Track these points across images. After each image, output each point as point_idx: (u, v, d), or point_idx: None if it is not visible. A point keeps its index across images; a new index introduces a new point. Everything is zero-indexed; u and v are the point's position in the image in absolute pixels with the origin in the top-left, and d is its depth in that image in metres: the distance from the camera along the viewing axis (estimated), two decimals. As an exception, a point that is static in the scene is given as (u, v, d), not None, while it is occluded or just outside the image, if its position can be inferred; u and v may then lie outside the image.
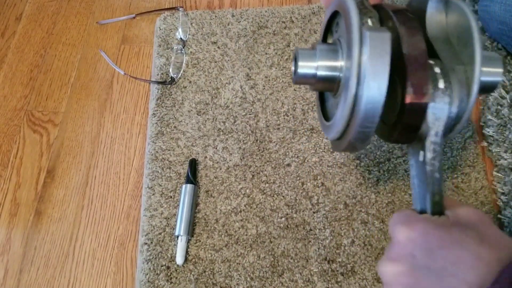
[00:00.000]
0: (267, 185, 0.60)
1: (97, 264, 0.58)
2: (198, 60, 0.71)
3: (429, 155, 0.33)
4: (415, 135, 0.34)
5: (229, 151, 0.63)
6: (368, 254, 0.56)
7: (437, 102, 0.33)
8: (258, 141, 0.64)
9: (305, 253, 0.56)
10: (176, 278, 0.55)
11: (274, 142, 0.63)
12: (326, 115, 0.42)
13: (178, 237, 0.57)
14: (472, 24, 0.34)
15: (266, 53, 0.70)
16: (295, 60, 0.37)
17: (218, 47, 0.72)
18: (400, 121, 0.34)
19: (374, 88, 0.31)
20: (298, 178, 0.60)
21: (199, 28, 0.74)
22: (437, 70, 0.34)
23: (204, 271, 0.56)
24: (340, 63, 0.36)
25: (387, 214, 0.57)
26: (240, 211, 0.59)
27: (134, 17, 0.77)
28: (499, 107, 0.63)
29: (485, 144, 0.62)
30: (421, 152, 0.34)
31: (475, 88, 0.33)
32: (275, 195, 0.60)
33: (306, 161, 0.61)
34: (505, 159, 0.60)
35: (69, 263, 0.59)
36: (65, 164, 0.65)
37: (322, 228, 0.57)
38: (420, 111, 0.33)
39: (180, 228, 0.57)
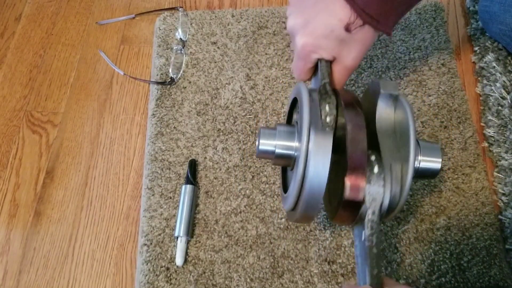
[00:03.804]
0: (267, 185, 0.60)
1: (96, 265, 0.58)
2: (198, 60, 0.71)
3: (367, 231, 0.38)
4: (356, 215, 0.39)
5: (229, 151, 0.63)
6: (369, 255, 0.55)
7: (372, 184, 0.38)
8: (258, 141, 0.63)
9: (305, 254, 0.56)
10: (176, 279, 0.55)
11: (274, 142, 0.63)
12: (286, 187, 0.46)
13: (177, 238, 0.57)
14: (410, 129, 0.39)
15: (266, 54, 0.70)
16: (258, 138, 0.43)
17: (218, 48, 0.71)
18: (342, 206, 0.38)
19: (315, 181, 0.36)
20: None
21: (199, 28, 0.73)
22: (372, 158, 0.39)
23: (204, 272, 0.56)
24: (295, 143, 0.42)
25: (387, 215, 0.57)
26: (240, 212, 0.59)
27: (133, 17, 0.77)
28: (499, 107, 0.63)
29: (485, 144, 0.62)
30: (363, 232, 0.39)
31: (404, 192, 0.39)
32: (275, 196, 0.59)
33: (306, 161, 0.61)
34: (506, 160, 0.60)
35: (68, 264, 0.59)
36: (64, 164, 0.65)
37: (322, 229, 0.57)
38: (356, 203, 0.38)
39: (180, 229, 0.56)
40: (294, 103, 0.47)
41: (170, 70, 0.69)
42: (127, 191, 0.63)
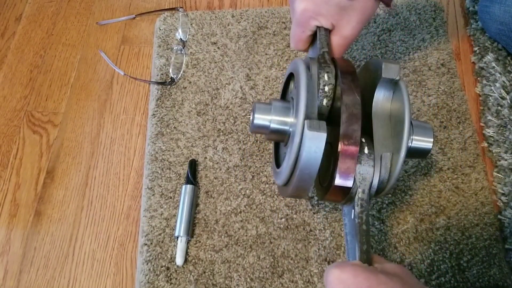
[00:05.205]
0: (267, 185, 0.60)
1: (96, 265, 0.58)
2: (198, 60, 0.71)
3: (357, 209, 0.39)
4: (347, 193, 0.39)
5: (229, 151, 0.63)
6: (368, 255, 0.55)
7: (363, 164, 0.39)
8: (258, 141, 0.63)
9: (305, 253, 0.56)
10: (176, 279, 0.55)
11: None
12: (278, 163, 0.46)
13: (178, 238, 0.57)
14: (405, 121, 0.39)
15: (266, 54, 0.70)
16: (253, 112, 0.42)
17: (218, 48, 0.71)
18: (333, 188, 0.39)
19: (310, 157, 0.37)
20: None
21: (199, 28, 0.74)
22: (363, 140, 0.40)
23: (204, 272, 0.56)
24: (290, 119, 0.41)
25: (387, 215, 0.57)
26: (240, 212, 0.59)
27: (134, 18, 0.77)
28: (499, 107, 0.63)
29: (485, 144, 0.62)
30: (353, 211, 0.39)
31: (392, 180, 0.40)
32: (275, 196, 0.60)
33: (306, 161, 0.61)
34: (506, 160, 0.60)
35: (68, 264, 0.59)
36: (64, 164, 0.65)
37: (322, 228, 0.57)
38: (345, 189, 0.38)
39: (180, 228, 0.57)
40: (289, 78, 0.46)
41: (170, 70, 0.69)
42: (127, 191, 0.63)
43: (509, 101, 0.63)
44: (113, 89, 0.71)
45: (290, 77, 0.46)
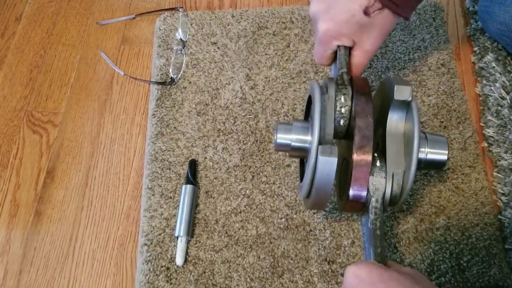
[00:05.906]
0: (267, 185, 0.60)
1: (96, 265, 0.58)
2: (198, 60, 0.71)
3: (371, 216, 0.42)
4: (363, 205, 0.43)
5: (229, 151, 0.63)
6: (368, 255, 0.55)
7: (375, 176, 0.43)
8: (258, 141, 0.64)
9: (305, 254, 0.56)
10: (176, 279, 0.55)
11: (274, 142, 0.63)
12: (303, 177, 0.50)
13: (178, 238, 0.57)
14: (414, 142, 0.42)
15: (266, 54, 0.70)
16: (276, 132, 0.46)
17: (218, 48, 0.71)
18: (349, 201, 0.43)
19: (324, 173, 0.40)
20: (298, 178, 0.60)
21: (199, 28, 0.74)
22: (375, 154, 0.43)
23: (204, 272, 0.56)
24: (309, 137, 0.45)
25: (387, 215, 0.57)
26: (240, 212, 0.59)
27: (134, 18, 0.77)
28: (499, 107, 0.63)
29: (485, 144, 0.62)
30: (368, 218, 0.43)
31: (405, 195, 0.43)
32: (275, 196, 0.60)
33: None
34: (506, 160, 0.60)
35: (68, 264, 0.59)
36: (64, 164, 0.65)
37: (322, 228, 0.57)
38: (360, 200, 0.42)
39: (180, 229, 0.57)
40: (310, 100, 0.49)
41: (170, 70, 0.69)
42: (127, 191, 0.63)
43: (509, 101, 0.63)
44: (113, 89, 0.71)
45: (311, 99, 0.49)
